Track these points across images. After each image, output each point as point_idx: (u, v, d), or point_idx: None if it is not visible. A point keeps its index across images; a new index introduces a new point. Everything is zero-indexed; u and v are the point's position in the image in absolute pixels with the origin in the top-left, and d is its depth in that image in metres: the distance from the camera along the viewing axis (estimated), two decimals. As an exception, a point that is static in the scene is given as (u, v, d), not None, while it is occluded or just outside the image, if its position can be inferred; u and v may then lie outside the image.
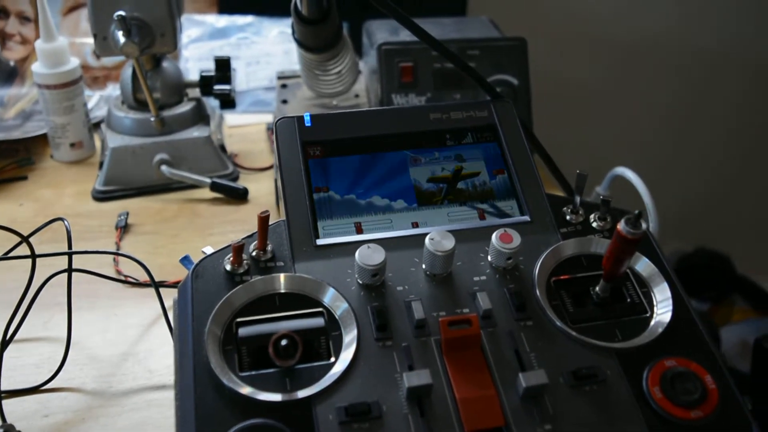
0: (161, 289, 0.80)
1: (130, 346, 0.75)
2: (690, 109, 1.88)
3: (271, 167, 1.07)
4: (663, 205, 0.88)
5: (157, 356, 0.74)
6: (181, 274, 0.83)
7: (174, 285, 0.81)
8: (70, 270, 0.73)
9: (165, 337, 0.76)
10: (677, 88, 1.84)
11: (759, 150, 1.93)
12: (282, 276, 0.57)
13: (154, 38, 0.93)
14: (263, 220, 0.57)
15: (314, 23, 0.86)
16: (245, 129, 1.18)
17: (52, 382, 0.70)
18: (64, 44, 1.02)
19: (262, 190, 1.02)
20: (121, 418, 0.67)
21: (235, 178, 1.03)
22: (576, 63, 1.77)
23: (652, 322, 0.59)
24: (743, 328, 1.69)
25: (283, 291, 0.57)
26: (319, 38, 0.89)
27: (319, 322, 0.56)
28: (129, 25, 0.89)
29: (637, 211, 0.54)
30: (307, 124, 0.67)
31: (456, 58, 0.71)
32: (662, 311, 0.59)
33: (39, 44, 1.01)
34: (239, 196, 0.99)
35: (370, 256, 0.56)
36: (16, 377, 0.70)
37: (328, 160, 0.65)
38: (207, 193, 0.99)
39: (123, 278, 0.83)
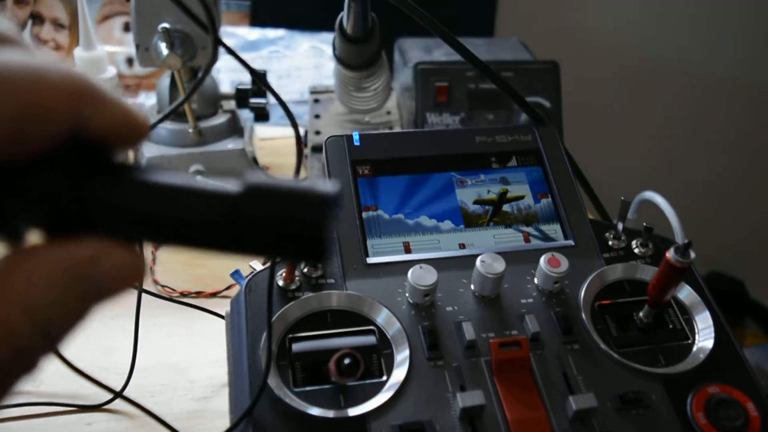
0: (200, 299, 0.81)
1: (169, 356, 0.76)
2: (708, 135, 1.90)
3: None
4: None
5: (197, 366, 0.75)
6: (218, 284, 0.85)
7: (212, 295, 0.83)
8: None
9: (204, 348, 0.77)
10: (698, 113, 1.85)
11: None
12: (337, 293, 0.58)
13: (196, 51, 0.94)
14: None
15: (358, 42, 0.87)
16: (275, 142, 1.19)
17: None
18: (103, 53, 1.03)
19: (295, 203, 1.02)
20: (164, 428, 0.68)
21: (268, 191, 1.04)
22: (599, 85, 1.79)
23: (694, 349, 0.60)
24: (756, 352, 1.71)
25: (336, 308, 0.58)
26: (360, 57, 0.91)
27: (371, 340, 0.57)
28: (172, 37, 0.91)
29: (686, 240, 0.55)
30: (356, 143, 0.68)
31: (501, 81, 0.73)
32: (704, 338, 0.60)
33: (78, 52, 1.02)
34: (272, 209, 1.00)
35: (422, 276, 0.57)
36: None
37: (377, 179, 0.66)
38: (240, 205, 1.00)
39: (161, 288, 0.84)
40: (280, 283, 0.59)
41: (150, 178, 0.25)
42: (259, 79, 0.62)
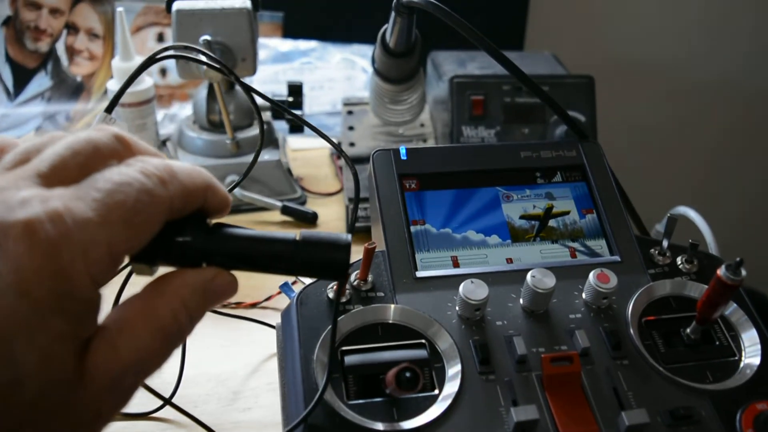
0: (239, 310, 0.82)
1: (212, 366, 0.77)
2: (732, 147, 1.89)
3: (337, 192, 1.09)
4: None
5: (239, 377, 0.75)
6: (257, 295, 0.85)
7: (252, 306, 0.84)
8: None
9: (245, 358, 0.78)
10: (728, 129, 1.85)
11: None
12: (390, 307, 0.59)
13: (235, 63, 0.95)
14: (370, 251, 0.58)
15: (400, 56, 0.88)
16: (308, 153, 1.20)
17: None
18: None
19: (330, 215, 1.03)
20: (210, 437, 0.68)
21: (303, 202, 1.05)
22: (627, 98, 1.79)
23: (741, 365, 0.60)
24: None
25: (389, 321, 0.59)
26: (400, 71, 0.91)
27: (422, 353, 0.57)
28: (213, 49, 0.92)
29: (738, 258, 0.55)
30: (403, 157, 0.68)
31: (546, 95, 0.73)
32: (751, 355, 0.60)
33: (116, 63, 1.03)
34: (308, 220, 1.00)
35: (474, 291, 0.58)
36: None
37: (424, 193, 0.67)
38: (276, 215, 1.01)
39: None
40: (331, 295, 0.59)
41: (241, 231, 0.40)
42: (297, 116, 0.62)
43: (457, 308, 0.60)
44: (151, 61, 0.63)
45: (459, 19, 0.70)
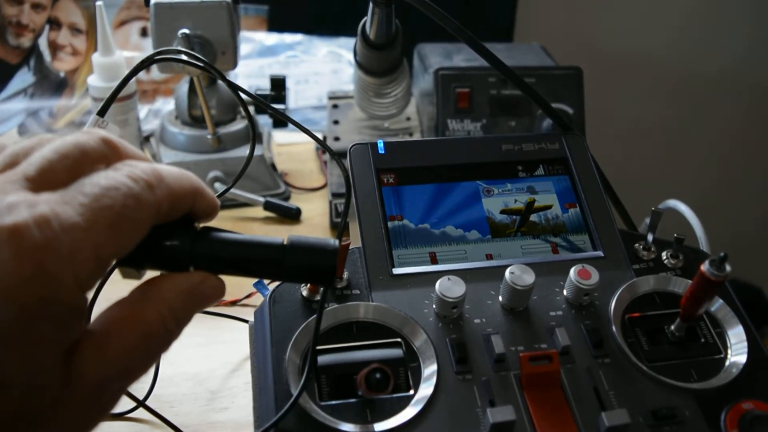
0: (220, 307, 0.80)
1: (189, 366, 0.75)
2: (723, 139, 1.88)
3: (322, 188, 1.07)
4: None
5: (216, 377, 0.74)
6: (238, 293, 0.84)
7: (232, 303, 0.82)
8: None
9: (224, 357, 0.76)
10: (722, 121, 1.84)
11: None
12: (365, 305, 0.57)
13: (215, 56, 0.93)
14: (344, 248, 0.57)
15: (380, 48, 0.86)
16: (293, 147, 1.18)
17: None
18: (121, 59, 1.02)
19: (314, 210, 1.02)
20: (184, 439, 0.67)
21: (287, 198, 1.04)
22: (617, 90, 1.77)
23: (727, 363, 0.58)
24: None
25: (362, 319, 0.57)
26: (382, 63, 0.90)
27: (397, 352, 0.55)
28: (192, 43, 0.90)
29: (722, 254, 0.53)
30: (381, 151, 0.67)
31: (528, 87, 0.72)
32: (737, 353, 0.59)
33: (96, 58, 1.02)
34: (292, 216, 0.99)
35: (450, 288, 0.56)
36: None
37: (402, 188, 0.65)
38: (259, 211, 1.00)
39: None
40: (305, 293, 0.58)
41: (229, 236, 0.41)
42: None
43: (434, 306, 0.58)
44: (142, 66, 0.61)
45: (437, 9, 0.68)
